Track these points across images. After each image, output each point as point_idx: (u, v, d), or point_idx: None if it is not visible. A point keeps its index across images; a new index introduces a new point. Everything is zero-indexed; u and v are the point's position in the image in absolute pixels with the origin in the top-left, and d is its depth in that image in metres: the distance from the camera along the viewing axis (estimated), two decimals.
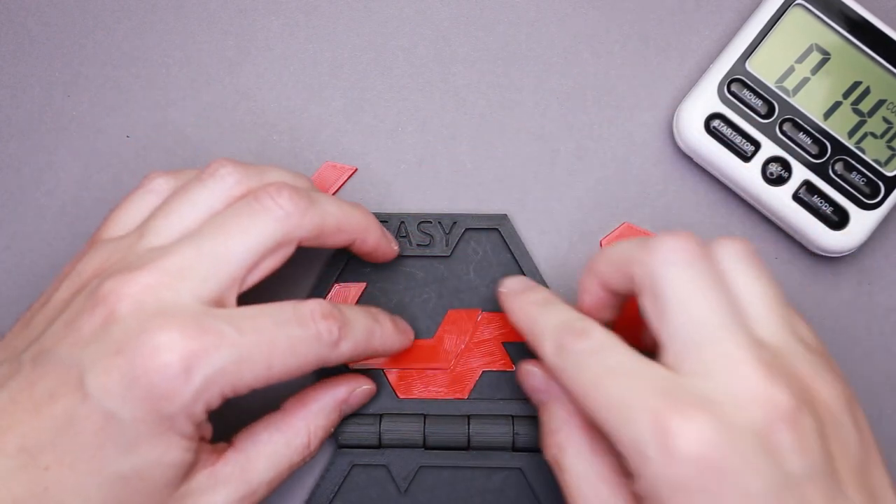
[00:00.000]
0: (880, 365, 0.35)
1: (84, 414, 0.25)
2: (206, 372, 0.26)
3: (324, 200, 0.30)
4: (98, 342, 0.26)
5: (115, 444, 0.26)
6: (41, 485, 0.25)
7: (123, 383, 0.25)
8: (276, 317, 0.28)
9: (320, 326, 0.28)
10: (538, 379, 0.31)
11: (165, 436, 0.26)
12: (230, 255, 0.28)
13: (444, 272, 0.35)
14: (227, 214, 0.29)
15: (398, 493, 0.33)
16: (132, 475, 0.26)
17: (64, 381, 0.26)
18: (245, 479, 0.29)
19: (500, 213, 0.36)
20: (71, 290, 0.29)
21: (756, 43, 0.35)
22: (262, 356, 0.27)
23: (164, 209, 0.29)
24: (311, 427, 0.31)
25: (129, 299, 0.26)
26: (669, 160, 0.37)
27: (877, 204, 0.34)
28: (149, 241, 0.28)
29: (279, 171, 0.31)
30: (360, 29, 0.38)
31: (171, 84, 0.37)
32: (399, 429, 0.33)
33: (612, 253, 0.29)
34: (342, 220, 0.30)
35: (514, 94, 0.37)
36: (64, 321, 0.27)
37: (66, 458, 0.25)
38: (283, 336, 0.27)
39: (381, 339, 0.31)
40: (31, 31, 0.38)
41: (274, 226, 0.28)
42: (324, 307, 0.29)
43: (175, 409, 0.26)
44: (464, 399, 0.34)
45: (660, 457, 0.24)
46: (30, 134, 0.37)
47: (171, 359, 0.25)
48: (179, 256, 0.27)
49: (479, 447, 0.33)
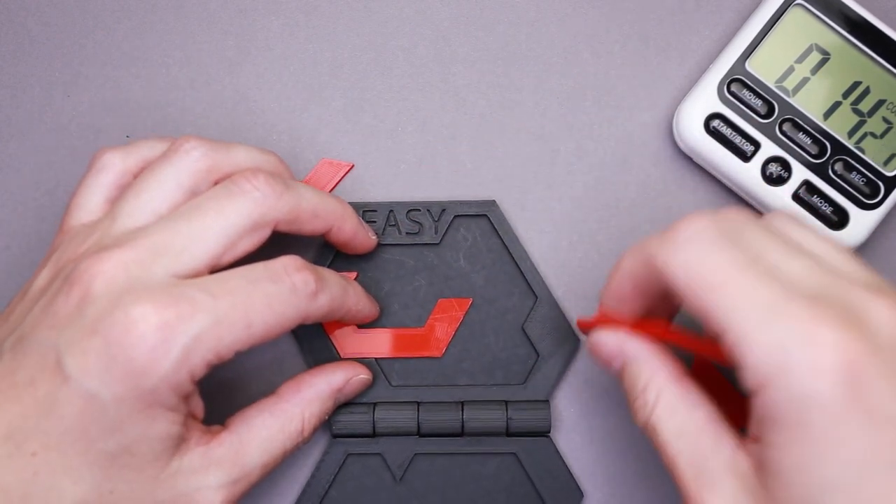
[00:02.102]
0: None
1: (65, 397, 0.25)
2: (184, 341, 0.26)
3: (300, 186, 0.31)
4: (74, 324, 0.26)
5: (100, 424, 0.26)
6: (30, 470, 0.25)
7: (101, 363, 0.25)
8: (247, 276, 0.28)
9: (295, 279, 0.28)
10: (612, 343, 0.29)
11: (149, 410, 0.26)
12: (206, 234, 0.28)
13: (434, 260, 0.35)
14: (203, 198, 0.29)
15: (393, 481, 0.33)
16: (120, 452, 0.26)
17: (43, 365, 0.26)
18: (238, 461, 0.29)
19: (489, 199, 0.36)
20: (48, 278, 0.29)
21: (756, 43, 0.35)
22: (239, 316, 0.27)
23: (133, 189, 0.30)
24: (305, 413, 0.31)
25: (101, 276, 0.26)
26: (669, 160, 0.37)
27: (876, 204, 0.34)
28: (122, 224, 0.29)
29: (246, 147, 0.31)
30: (359, 29, 0.38)
31: (171, 84, 0.37)
32: (393, 417, 0.33)
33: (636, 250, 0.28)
34: (318, 206, 0.31)
35: (514, 94, 0.37)
36: (41, 306, 0.27)
37: (52, 442, 0.25)
38: (259, 293, 0.27)
39: (354, 297, 0.31)
40: (31, 31, 0.38)
41: (250, 206, 0.29)
42: (296, 261, 0.29)
43: (156, 381, 0.26)
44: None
45: (808, 369, 0.22)
46: (30, 134, 0.37)
47: (145, 330, 0.25)
48: (155, 235, 0.28)
49: (473, 433, 0.33)
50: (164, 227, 0.28)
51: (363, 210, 0.35)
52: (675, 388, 0.27)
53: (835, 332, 0.23)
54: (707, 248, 0.25)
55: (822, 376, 0.22)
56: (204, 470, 0.28)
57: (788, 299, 0.23)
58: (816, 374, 0.22)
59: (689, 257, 0.25)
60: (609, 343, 0.29)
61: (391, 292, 0.35)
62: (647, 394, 0.27)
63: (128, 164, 0.31)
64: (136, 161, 0.31)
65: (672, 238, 0.26)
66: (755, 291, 0.24)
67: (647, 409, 0.27)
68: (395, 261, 0.35)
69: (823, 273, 0.25)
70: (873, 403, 0.22)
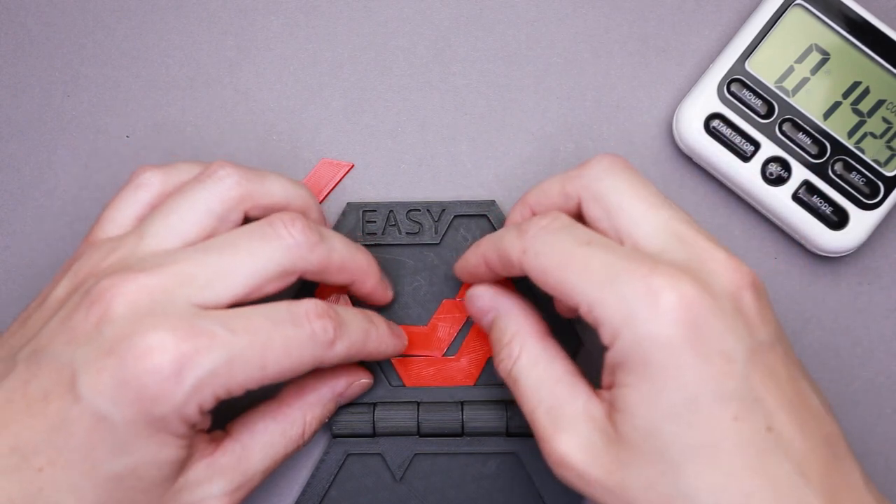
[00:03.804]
0: (880, 365, 0.35)
1: (76, 415, 0.25)
2: (198, 374, 0.26)
3: (333, 238, 0.30)
4: (91, 342, 0.26)
5: (108, 445, 0.26)
6: (35, 485, 0.25)
7: (114, 385, 0.25)
8: (270, 316, 0.27)
9: (315, 326, 0.28)
10: (486, 297, 0.31)
11: (158, 436, 0.26)
12: (234, 273, 0.28)
13: (434, 259, 0.35)
14: (237, 235, 0.29)
15: (394, 481, 0.33)
16: (126, 474, 0.26)
17: (57, 381, 0.26)
18: (241, 468, 0.29)
19: (489, 199, 0.36)
20: (68, 289, 0.29)
21: (756, 43, 0.35)
22: (256, 356, 0.27)
23: (163, 210, 0.29)
24: (307, 417, 0.31)
25: (123, 298, 0.26)
26: (669, 160, 0.37)
27: (876, 204, 0.34)
28: (148, 244, 0.28)
29: (280, 178, 0.31)
30: (359, 29, 0.38)
31: (171, 84, 0.37)
32: (393, 417, 0.33)
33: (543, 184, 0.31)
34: (347, 260, 0.31)
35: (514, 94, 0.37)
36: (59, 319, 0.27)
37: (59, 459, 0.25)
38: (278, 335, 0.27)
39: (376, 340, 0.31)
40: (31, 31, 0.38)
41: (282, 253, 0.28)
42: (319, 306, 0.29)
43: (166, 410, 0.26)
44: (472, 386, 0.34)
45: (647, 313, 0.25)
46: (30, 134, 0.37)
47: (162, 361, 0.25)
48: (183, 263, 0.27)
49: (473, 433, 0.33)
50: (193, 257, 0.28)
51: (363, 210, 0.35)
52: (538, 342, 0.29)
53: (671, 279, 0.25)
54: (552, 238, 0.28)
55: (661, 318, 0.25)
56: (208, 480, 0.28)
57: (628, 259, 0.26)
58: (656, 316, 0.25)
59: (538, 248, 0.28)
60: (484, 297, 0.31)
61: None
62: (511, 346, 0.30)
63: (166, 185, 0.31)
64: (174, 184, 0.31)
65: (523, 233, 0.28)
66: (595, 260, 0.27)
67: (511, 361, 0.29)
68: (395, 261, 0.35)
69: (659, 236, 0.27)
70: (706, 340, 0.25)
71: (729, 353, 0.25)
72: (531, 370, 0.29)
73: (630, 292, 0.25)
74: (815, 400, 0.27)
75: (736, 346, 0.25)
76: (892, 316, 0.36)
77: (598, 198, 0.29)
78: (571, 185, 0.29)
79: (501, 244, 0.29)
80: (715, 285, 0.26)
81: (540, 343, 0.29)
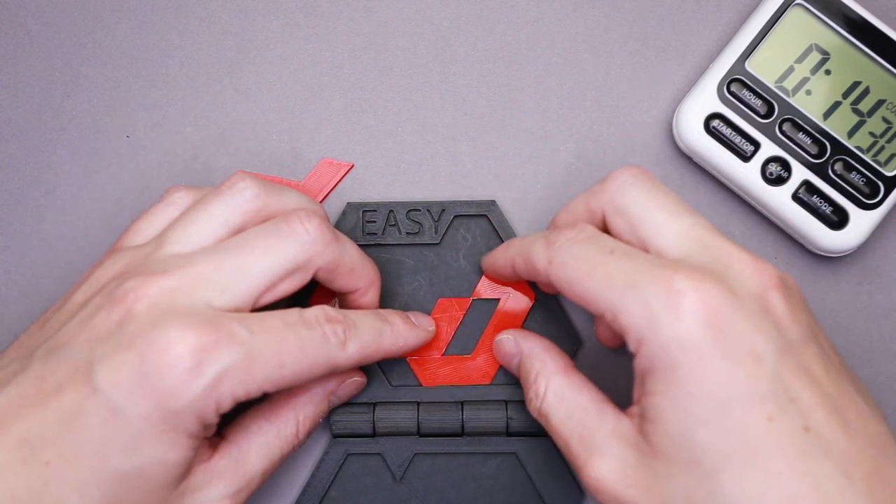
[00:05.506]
0: (880, 365, 0.35)
1: (90, 408, 0.25)
2: (217, 367, 0.26)
3: (346, 240, 0.31)
4: (111, 339, 0.26)
5: (119, 441, 0.26)
6: (41, 480, 0.25)
7: (132, 378, 0.25)
8: (284, 319, 0.28)
9: (325, 328, 0.29)
10: (510, 343, 0.32)
11: (170, 434, 0.26)
12: (251, 271, 0.28)
13: (434, 259, 0.35)
14: (253, 232, 0.29)
15: (393, 481, 0.33)
16: (134, 474, 0.26)
17: (73, 374, 0.26)
18: (239, 471, 0.29)
19: (489, 199, 0.36)
20: (88, 294, 0.29)
21: (756, 43, 0.35)
22: (273, 355, 0.27)
23: (183, 220, 0.30)
24: (299, 416, 0.31)
25: (146, 300, 0.27)
26: (669, 160, 0.37)
27: (876, 204, 0.34)
28: (167, 250, 0.29)
29: (297, 194, 0.31)
30: (359, 29, 0.38)
31: (171, 84, 0.37)
32: (393, 417, 0.33)
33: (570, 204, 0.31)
34: (357, 265, 0.31)
35: (514, 94, 0.37)
36: (80, 319, 0.27)
37: (68, 454, 0.25)
38: (293, 336, 0.28)
39: (392, 337, 0.31)
40: (31, 31, 0.38)
41: (297, 249, 0.29)
42: (327, 311, 0.29)
43: (183, 404, 0.26)
44: (488, 384, 0.34)
45: (670, 316, 0.25)
46: (30, 134, 0.37)
47: (182, 352, 0.26)
48: (201, 265, 0.28)
49: (473, 433, 0.33)
50: (210, 259, 0.28)
51: (363, 210, 0.35)
52: (562, 377, 0.30)
53: (692, 281, 0.25)
54: (576, 248, 0.28)
55: (685, 319, 0.25)
56: (207, 485, 0.28)
57: (650, 265, 0.26)
58: (679, 319, 0.25)
59: (564, 258, 0.28)
60: (508, 342, 0.32)
61: (391, 292, 0.35)
62: (537, 384, 0.30)
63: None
64: None
65: (550, 244, 0.29)
66: (617, 268, 0.27)
67: (539, 399, 0.30)
68: (396, 260, 0.35)
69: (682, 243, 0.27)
70: (732, 340, 0.25)
71: (758, 352, 0.25)
72: (559, 405, 0.29)
73: (652, 296, 0.25)
74: (858, 399, 0.26)
75: (765, 345, 0.25)
76: (892, 316, 0.36)
77: (620, 211, 0.29)
78: (595, 200, 0.30)
79: (529, 253, 0.30)
80: (739, 287, 0.26)
81: (564, 378, 0.30)
